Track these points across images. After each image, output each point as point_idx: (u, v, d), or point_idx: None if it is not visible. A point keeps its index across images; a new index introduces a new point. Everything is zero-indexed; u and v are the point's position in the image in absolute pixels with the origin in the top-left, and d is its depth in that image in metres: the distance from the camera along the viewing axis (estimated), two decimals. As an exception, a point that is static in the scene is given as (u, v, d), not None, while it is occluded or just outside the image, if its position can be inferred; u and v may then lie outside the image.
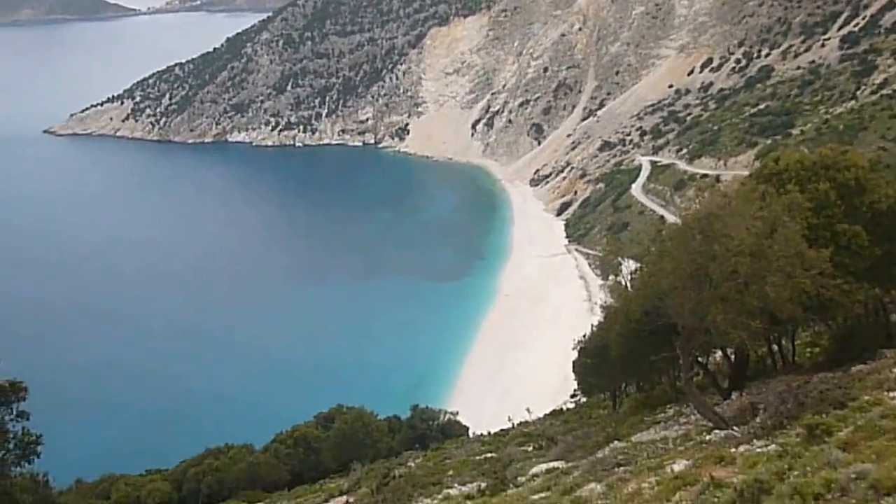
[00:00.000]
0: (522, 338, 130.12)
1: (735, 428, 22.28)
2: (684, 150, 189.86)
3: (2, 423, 26.72)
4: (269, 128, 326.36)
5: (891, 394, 18.86)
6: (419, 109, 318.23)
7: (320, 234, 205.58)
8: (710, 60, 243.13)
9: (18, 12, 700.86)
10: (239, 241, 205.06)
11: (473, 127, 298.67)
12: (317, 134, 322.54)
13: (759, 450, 17.63)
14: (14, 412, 26.88)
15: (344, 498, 38.12)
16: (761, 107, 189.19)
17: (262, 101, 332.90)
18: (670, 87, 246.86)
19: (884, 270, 28.32)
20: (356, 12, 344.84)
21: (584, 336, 54.10)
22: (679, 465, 18.47)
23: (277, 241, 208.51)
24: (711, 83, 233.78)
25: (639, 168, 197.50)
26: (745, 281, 22.67)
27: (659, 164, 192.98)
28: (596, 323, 54.05)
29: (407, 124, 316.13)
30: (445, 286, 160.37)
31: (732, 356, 33.24)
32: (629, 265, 32.85)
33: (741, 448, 18.48)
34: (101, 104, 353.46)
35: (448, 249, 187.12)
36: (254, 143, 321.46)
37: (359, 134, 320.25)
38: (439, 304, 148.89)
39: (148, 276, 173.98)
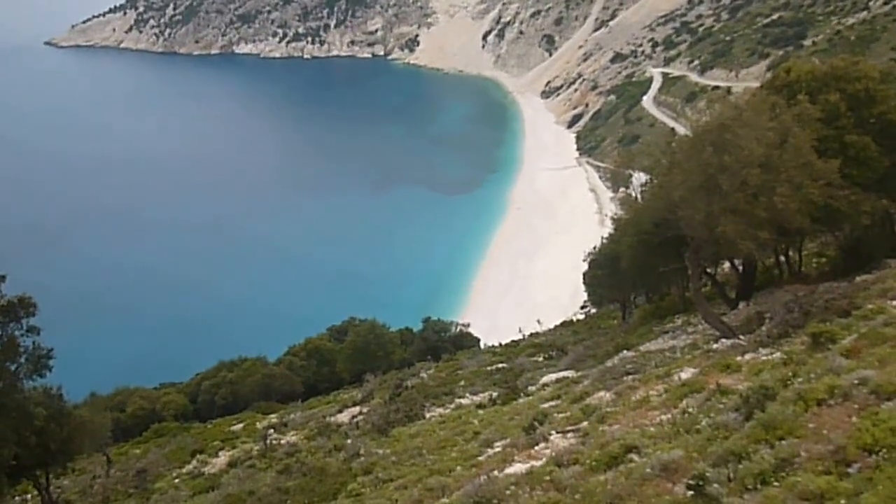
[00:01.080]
0: (533, 250, 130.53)
1: (741, 337, 22.62)
2: (696, 62, 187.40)
3: (12, 337, 27.15)
4: (277, 39, 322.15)
5: (894, 302, 19.08)
6: (429, 20, 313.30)
7: (332, 147, 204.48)
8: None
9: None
10: (249, 154, 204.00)
11: (484, 38, 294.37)
12: (325, 45, 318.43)
13: (764, 357, 17.96)
14: (24, 327, 27.29)
15: (358, 408, 38.90)
16: (774, 17, 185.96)
17: (268, 12, 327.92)
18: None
19: (891, 181, 28.30)
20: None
21: (595, 248, 54.40)
22: (686, 373, 18.85)
23: (288, 154, 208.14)
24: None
25: (650, 80, 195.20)
26: (754, 192, 22.73)
27: (670, 75, 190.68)
28: (606, 235, 54.28)
29: (417, 35, 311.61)
30: (457, 199, 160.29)
31: (740, 267, 33.49)
32: (640, 177, 32.84)
33: (747, 356, 18.81)
34: (104, 14, 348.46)
35: (460, 162, 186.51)
36: (261, 55, 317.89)
37: (368, 45, 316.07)
38: (451, 217, 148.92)
39: (158, 189, 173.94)
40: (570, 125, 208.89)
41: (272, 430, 37.55)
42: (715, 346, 23.10)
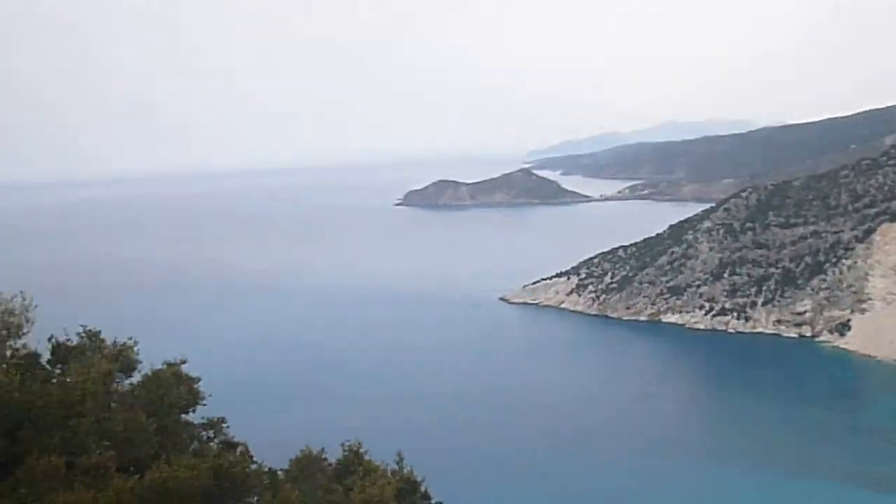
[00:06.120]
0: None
1: None
2: None
3: None
4: (703, 312, 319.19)
5: None
6: (863, 306, 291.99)
7: (746, 426, 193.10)
8: None
9: (493, 195, 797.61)
10: (663, 413, 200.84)
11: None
12: (750, 322, 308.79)
13: None
14: None
15: None
16: None
17: (697, 286, 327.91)
18: None
19: None
20: (801, 205, 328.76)
21: None
22: None
23: (700, 422, 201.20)
24: None
25: None
26: None
27: None
28: None
29: (849, 320, 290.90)
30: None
31: None
32: None
33: None
34: (550, 278, 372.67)
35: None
36: (686, 326, 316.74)
37: (794, 325, 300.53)
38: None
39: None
40: None
41: None
42: None
